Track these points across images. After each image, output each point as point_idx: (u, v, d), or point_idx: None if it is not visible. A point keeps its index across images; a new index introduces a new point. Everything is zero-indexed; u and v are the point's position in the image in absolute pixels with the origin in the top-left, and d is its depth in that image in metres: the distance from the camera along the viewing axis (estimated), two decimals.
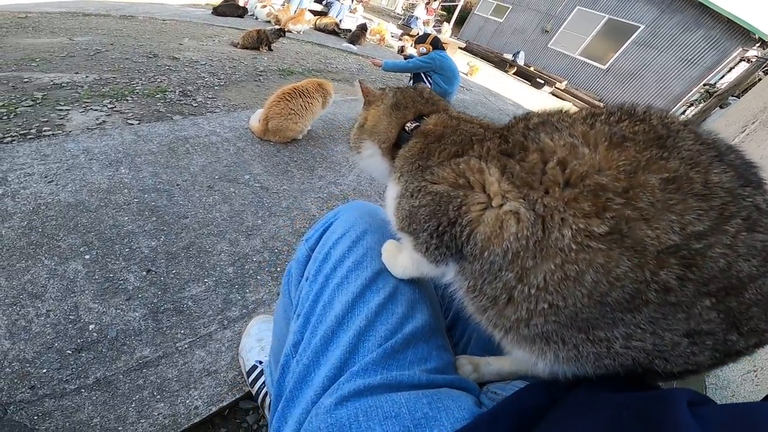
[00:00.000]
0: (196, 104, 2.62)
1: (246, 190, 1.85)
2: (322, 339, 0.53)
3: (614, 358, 0.40)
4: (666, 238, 0.34)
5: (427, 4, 12.41)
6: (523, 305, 0.41)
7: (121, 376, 1.01)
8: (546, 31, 12.05)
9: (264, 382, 0.99)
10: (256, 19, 6.39)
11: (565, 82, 10.34)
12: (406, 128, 0.63)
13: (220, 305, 1.27)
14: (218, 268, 1.39)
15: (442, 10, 16.78)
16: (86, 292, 1.19)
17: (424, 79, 3.82)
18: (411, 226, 0.52)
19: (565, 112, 0.47)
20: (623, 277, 0.35)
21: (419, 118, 0.63)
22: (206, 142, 2.14)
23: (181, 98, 2.64)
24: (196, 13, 5.71)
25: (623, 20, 10.10)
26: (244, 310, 1.27)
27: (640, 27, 9.75)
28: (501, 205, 0.43)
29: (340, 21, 7.50)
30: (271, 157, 2.21)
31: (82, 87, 2.45)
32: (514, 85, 9.06)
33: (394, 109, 0.66)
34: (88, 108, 2.20)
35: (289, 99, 2.20)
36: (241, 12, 6.21)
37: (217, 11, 5.90)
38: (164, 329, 1.15)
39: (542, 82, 10.05)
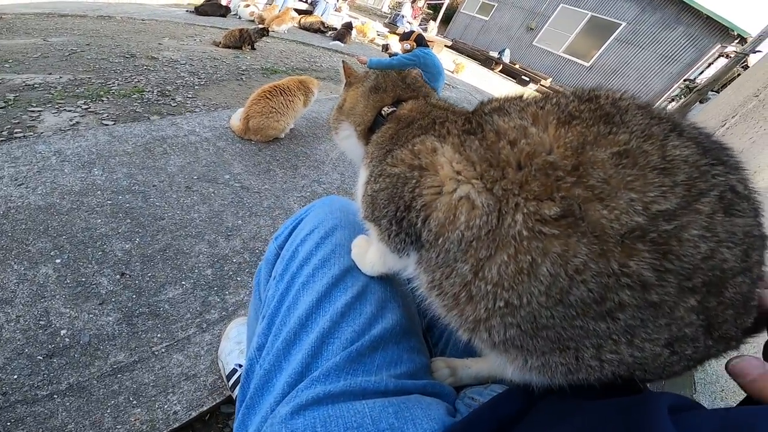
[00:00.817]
0: (175, 104, 2.57)
1: (226, 191, 1.82)
2: (284, 342, 0.51)
3: (588, 372, 0.36)
4: (627, 219, 0.30)
5: (413, 2, 12.37)
6: (482, 303, 0.38)
7: (95, 382, 0.98)
8: (531, 28, 12.16)
9: None
10: (239, 18, 6.32)
11: (550, 79, 10.42)
12: (383, 113, 0.61)
13: (198, 308, 1.24)
14: (196, 270, 1.36)
15: (428, 8, 16.77)
16: (57, 296, 1.15)
17: None
18: (374, 213, 0.49)
19: (522, 96, 0.45)
20: (583, 268, 0.31)
21: (398, 103, 0.61)
22: (185, 142, 2.09)
23: (159, 98, 2.59)
24: (177, 13, 5.61)
25: (605, 17, 10.27)
26: (223, 313, 1.25)
27: (621, 24, 9.93)
28: (454, 190, 0.40)
29: (326, 20, 7.47)
30: (253, 157, 2.17)
31: (56, 88, 2.39)
32: (499, 83, 9.09)
33: (373, 91, 0.64)
34: (61, 109, 2.14)
35: (269, 97, 2.17)
36: (224, 11, 6.14)
37: (199, 10, 5.83)
38: (139, 333, 1.12)
39: (527, 79, 10.11)
